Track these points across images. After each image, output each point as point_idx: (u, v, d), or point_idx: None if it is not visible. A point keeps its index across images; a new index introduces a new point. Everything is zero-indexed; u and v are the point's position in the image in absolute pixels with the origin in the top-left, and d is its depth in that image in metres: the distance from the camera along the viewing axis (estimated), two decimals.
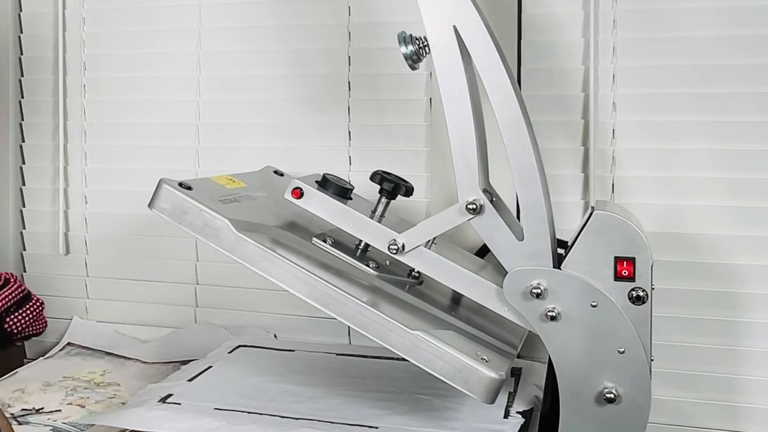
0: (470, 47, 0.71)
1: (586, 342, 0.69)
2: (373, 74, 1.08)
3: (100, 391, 0.99)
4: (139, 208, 1.00)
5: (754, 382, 0.94)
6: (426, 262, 0.74)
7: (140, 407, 0.81)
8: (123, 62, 1.19)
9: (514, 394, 0.86)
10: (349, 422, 0.77)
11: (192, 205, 0.72)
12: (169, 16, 1.16)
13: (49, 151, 1.23)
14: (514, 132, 0.70)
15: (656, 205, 0.97)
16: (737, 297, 0.95)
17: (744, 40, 0.94)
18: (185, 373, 0.93)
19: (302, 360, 1.00)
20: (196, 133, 1.16)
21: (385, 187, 0.79)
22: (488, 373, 0.66)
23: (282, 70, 1.11)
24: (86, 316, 1.21)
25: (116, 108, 1.19)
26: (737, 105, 0.95)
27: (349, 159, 1.10)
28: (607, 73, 0.99)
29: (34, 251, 1.24)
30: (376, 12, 1.08)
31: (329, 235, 0.80)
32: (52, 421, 0.89)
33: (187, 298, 1.16)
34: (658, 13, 0.97)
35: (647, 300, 0.69)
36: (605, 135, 0.99)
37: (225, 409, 0.80)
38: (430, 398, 0.84)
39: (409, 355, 0.68)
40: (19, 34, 1.23)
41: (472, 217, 0.71)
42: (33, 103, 1.23)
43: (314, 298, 0.70)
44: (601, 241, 0.70)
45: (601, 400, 0.69)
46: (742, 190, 0.95)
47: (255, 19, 1.12)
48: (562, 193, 1.00)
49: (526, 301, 0.70)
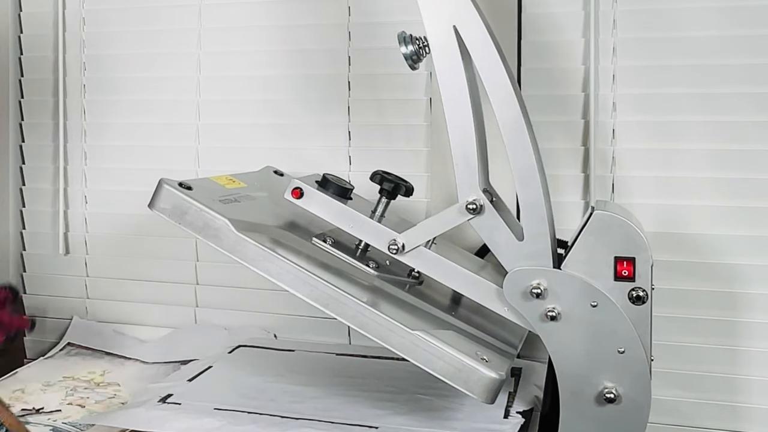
0: (470, 47, 0.71)
1: (586, 342, 0.69)
2: (373, 74, 1.08)
3: (100, 391, 0.98)
4: (139, 208, 1.00)
5: (754, 382, 0.94)
6: (426, 262, 0.74)
7: (140, 407, 0.81)
8: (123, 62, 1.18)
9: (514, 394, 0.86)
10: (349, 422, 0.77)
11: (192, 205, 0.72)
12: (169, 16, 1.16)
13: (49, 151, 1.22)
14: (514, 132, 0.70)
15: (656, 205, 0.97)
16: (737, 297, 0.95)
17: (744, 40, 0.94)
18: (185, 373, 0.93)
19: (302, 360, 1.00)
20: (196, 133, 1.16)
21: (385, 187, 0.79)
22: (488, 373, 0.66)
23: (282, 70, 1.11)
24: (86, 316, 1.20)
25: (116, 108, 1.19)
26: (737, 105, 0.95)
27: (349, 159, 1.10)
28: (607, 73, 0.99)
29: (34, 251, 1.24)
30: (376, 12, 1.07)
31: (329, 235, 0.80)
32: (52, 421, 0.89)
33: (187, 298, 1.16)
34: (658, 13, 0.97)
35: (647, 300, 0.69)
36: (605, 135, 0.99)
37: (225, 409, 0.80)
38: (430, 398, 0.84)
39: (409, 355, 0.68)
40: (19, 34, 1.23)
41: (472, 217, 0.71)
42: (33, 103, 1.23)
43: (314, 298, 0.70)
44: (601, 241, 0.70)
45: (601, 400, 0.69)
46: (742, 190, 0.95)
47: (255, 19, 1.12)
48: (562, 193, 1.00)
49: (526, 301, 0.70)
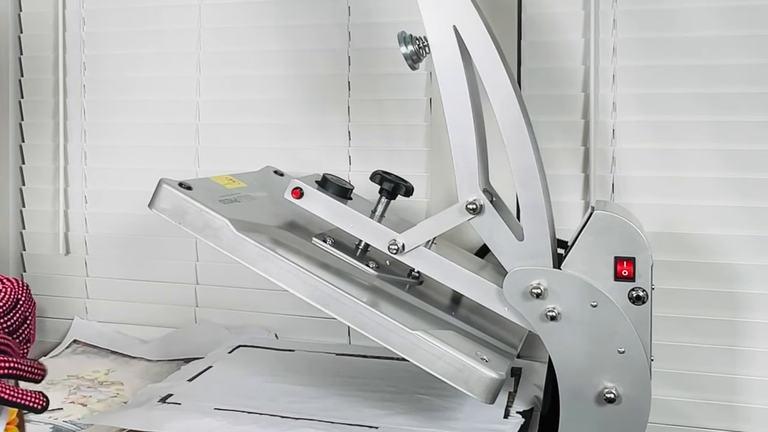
0: (470, 47, 0.71)
1: (586, 342, 0.69)
2: (373, 74, 1.08)
3: (103, 390, 0.99)
4: (139, 208, 1.00)
5: (754, 382, 0.94)
6: (426, 262, 0.74)
7: (140, 407, 0.81)
8: (123, 62, 1.18)
9: (514, 394, 0.86)
10: (349, 422, 0.77)
11: (192, 205, 0.72)
12: (169, 16, 1.16)
13: (49, 151, 1.23)
14: (514, 132, 0.70)
15: (656, 205, 0.97)
16: (737, 297, 0.95)
17: (744, 40, 0.94)
18: (185, 373, 0.93)
19: (302, 360, 1.00)
20: (196, 133, 1.16)
21: (385, 187, 0.79)
22: (488, 373, 0.66)
23: (282, 70, 1.11)
24: (86, 316, 1.21)
25: (116, 108, 1.19)
26: (738, 105, 0.95)
27: (349, 159, 1.10)
28: (607, 73, 0.99)
29: (34, 251, 1.24)
30: (376, 12, 1.08)
31: (329, 235, 0.80)
32: (53, 420, 0.89)
33: (187, 298, 1.16)
34: (658, 13, 0.97)
35: (647, 300, 0.69)
36: (605, 135, 0.99)
37: (225, 409, 0.80)
38: (430, 398, 0.84)
39: (409, 355, 0.68)
40: (19, 34, 1.23)
41: (472, 217, 0.71)
42: (33, 103, 1.23)
43: (314, 298, 0.70)
44: (601, 241, 0.70)
45: (601, 400, 0.69)
46: (743, 190, 0.95)
47: (255, 19, 1.12)
48: (562, 193, 1.00)
49: (526, 301, 0.70)
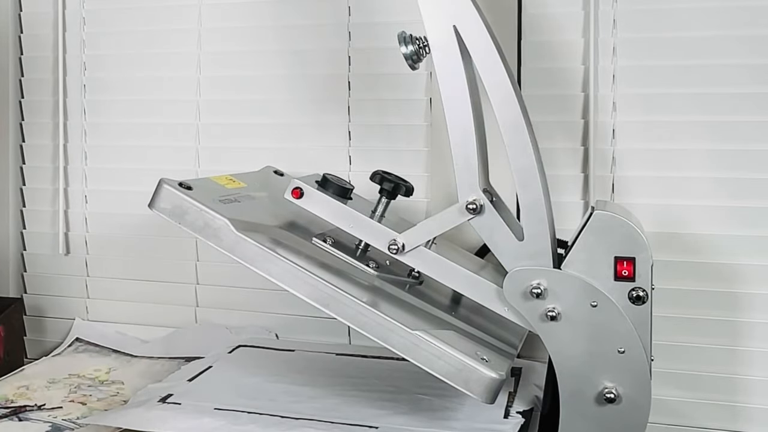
0: (470, 47, 0.71)
1: (586, 342, 0.69)
2: (373, 74, 1.08)
3: (103, 389, 0.99)
4: (139, 208, 1.00)
5: (754, 382, 0.94)
6: (426, 262, 0.74)
7: (140, 407, 0.81)
8: (123, 62, 1.18)
9: (514, 394, 0.86)
10: (349, 422, 0.77)
11: (192, 205, 0.72)
12: (169, 16, 1.16)
13: (49, 151, 1.22)
14: (514, 132, 0.70)
15: (656, 205, 0.97)
16: (737, 297, 0.95)
17: (744, 40, 0.94)
18: (185, 373, 0.93)
19: (302, 360, 1.00)
20: (196, 133, 1.16)
21: (385, 187, 0.79)
22: (488, 373, 0.66)
23: (282, 70, 1.11)
24: (87, 316, 1.20)
25: (116, 108, 1.19)
26: (737, 105, 0.95)
27: (349, 159, 1.10)
28: (607, 73, 0.99)
29: (34, 251, 1.24)
30: (376, 12, 1.07)
31: (329, 235, 0.80)
32: (52, 418, 0.89)
33: (188, 298, 1.16)
34: (658, 13, 0.97)
35: (647, 300, 0.69)
36: (605, 135, 0.99)
37: (225, 409, 0.80)
38: (430, 398, 0.84)
39: (409, 355, 0.68)
40: (19, 34, 1.23)
41: (472, 217, 0.71)
42: (33, 103, 1.23)
43: (314, 298, 0.70)
44: (601, 241, 0.70)
45: (601, 400, 0.69)
46: (742, 190, 0.95)
47: (255, 19, 1.12)
48: (562, 193, 1.00)
49: (526, 301, 0.70)
